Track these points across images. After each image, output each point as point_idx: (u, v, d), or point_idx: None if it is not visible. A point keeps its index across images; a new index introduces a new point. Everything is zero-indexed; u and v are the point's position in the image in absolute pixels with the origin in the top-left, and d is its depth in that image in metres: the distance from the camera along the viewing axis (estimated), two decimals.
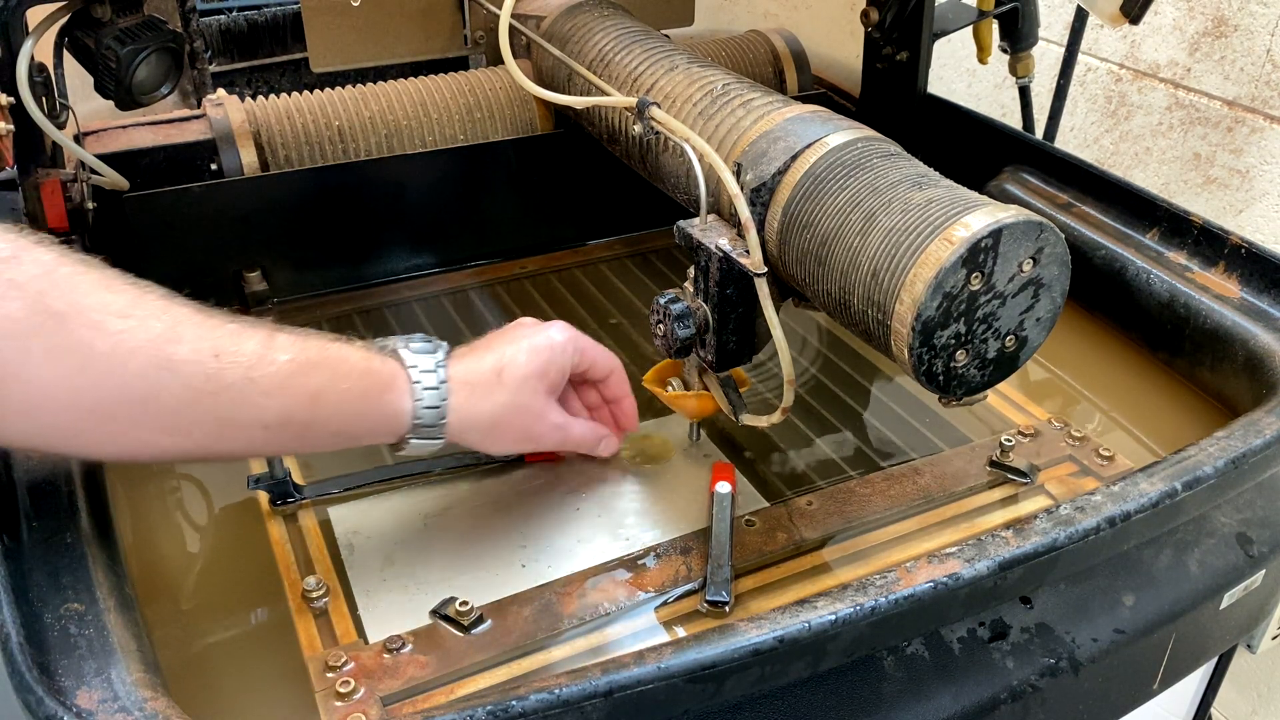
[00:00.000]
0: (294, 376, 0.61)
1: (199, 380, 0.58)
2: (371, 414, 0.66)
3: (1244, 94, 1.43)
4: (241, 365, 0.59)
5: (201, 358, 0.58)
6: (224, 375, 0.58)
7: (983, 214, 0.62)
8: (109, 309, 0.56)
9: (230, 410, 0.59)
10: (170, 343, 0.57)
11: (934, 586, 0.59)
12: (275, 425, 0.61)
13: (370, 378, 0.65)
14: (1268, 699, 1.52)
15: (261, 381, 0.60)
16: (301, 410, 0.62)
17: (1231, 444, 0.71)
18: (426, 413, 0.67)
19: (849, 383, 0.99)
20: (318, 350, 0.63)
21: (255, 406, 0.60)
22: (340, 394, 0.63)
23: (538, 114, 1.14)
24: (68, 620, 0.56)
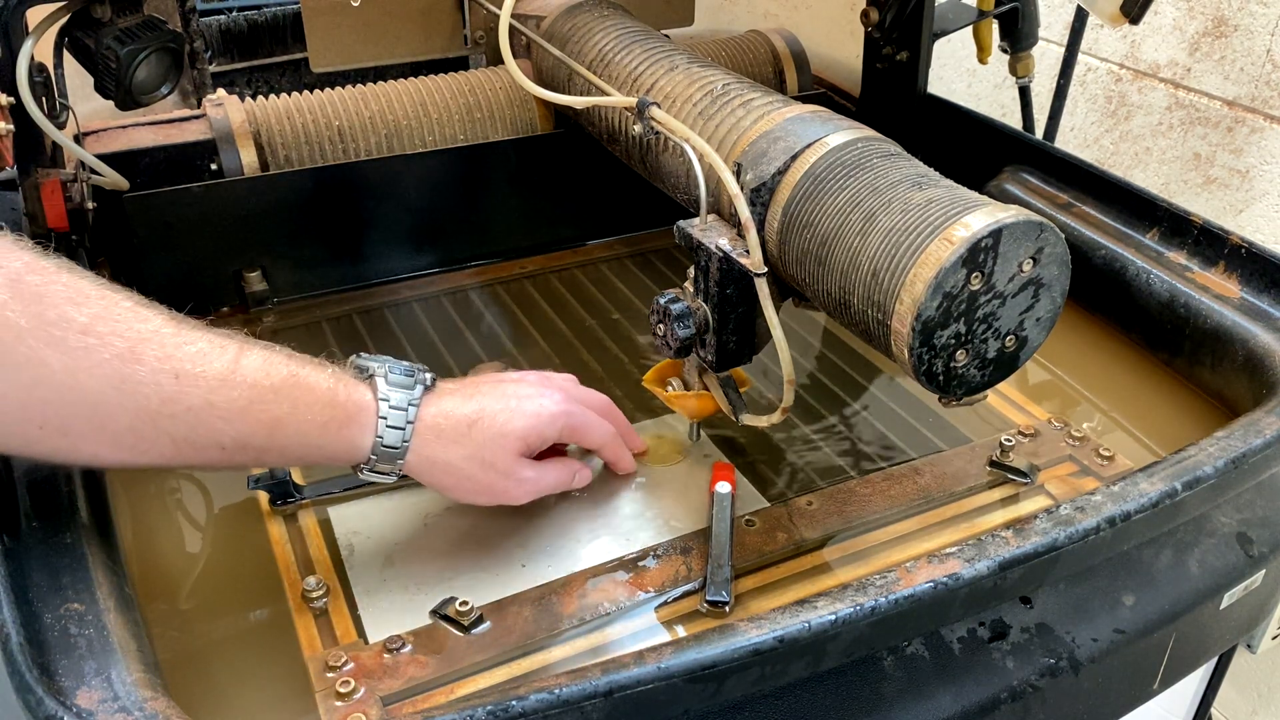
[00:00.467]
0: (255, 404, 0.61)
1: (155, 403, 0.57)
2: (329, 445, 0.65)
3: (1244, 94, 1.43)
4: (201, 390, 0.59)
5: (160, 380, 0.57)
6: (182, 398, 0.58)
7: (983, 214, 0.62)
8: (71, 325, 0.55)
9: (186, 432, 0.59)
10: (130, 363, 0.57)
11: (934, 586, 0.59)
12: (231, 448, 0.61)
13: (333, 409, 0.65)
14: (1268, 699, 1.52)
15: (221, 406, 0.59)
16: (259, 437, 0.61)
17: (1231, 444, 0.71)
18: (385, 451, 0.66)
19: (849, 383, 0.99)
20: (284, 377, 0.63)
21: (212, 430, 0.60)
22: (299, 424, 0.63)
23: (538, 114, 1.14)
24: (68, 620, 0.56)
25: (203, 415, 0.59)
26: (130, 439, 0.58)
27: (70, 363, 0.55)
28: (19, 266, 0.54)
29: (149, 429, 0.58)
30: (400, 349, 1.00)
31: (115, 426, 0.57)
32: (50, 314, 0.55)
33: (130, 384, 0.56)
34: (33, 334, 0.54)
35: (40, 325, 0.54)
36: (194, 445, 0.60)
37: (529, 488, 0.74)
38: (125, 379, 0.56)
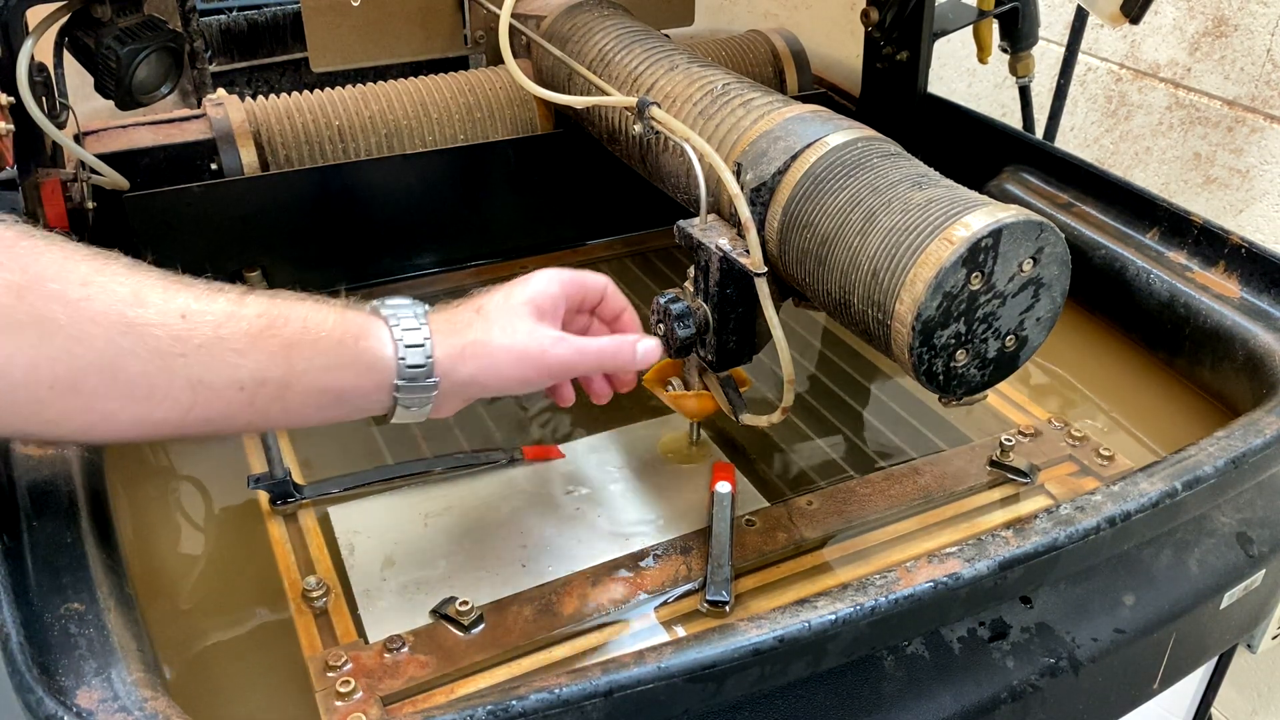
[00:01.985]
0: (266, 330, 0.58)
1: (166, 342, 0.55)
2: (350, 363, 0.61)
3: (1244, 94, 1.42)
4: (209, 324, 0.56)
5: (168, 319, 0.55)
6: (192, 335, 0.56)
7: (983, 214, 0.62)
8: (69, 278, 0.54)
9: (201, 372, 0.56)
10: (134, 306, 0.55)
11: (934, 586, 0.59)
12: (251, 385, 0.58)
13: (345, 325, 0.62)
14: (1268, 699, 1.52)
15: (231, 339, 0.57)
16: (276, 365, 0.58)
17: (1231, 444, 0.71)
18: (410, 352, 0.62)
19: (849, 382, 0.99)
20: (288, 305, 0.60)
21: (228, 365, 0.57)
22: (314, 343, 0.60)
23: (538, 114, 1.14)
24: (68, 620, 0.56)
25: (215, 351, 0.56)
26: (144, 387, 0.55)
27: (74, 313, 0.53)
28: (10, 235, 0.53)
29: (162, 374, 0.55)
30: None
31: (128, 374, 0.55)
32: (48, 270, 0.54)
33: (137, 327, 0.55)
34: (33, 291, 0.53)
35: (39, 282, 0.53)
36: (212, 388, 0.57)
37: (569, 350, 0.68)
38: (132, 323, 0.55)
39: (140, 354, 0.55)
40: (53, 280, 0.53)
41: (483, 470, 0.83)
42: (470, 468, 0.83)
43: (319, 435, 0.88)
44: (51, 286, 0.53)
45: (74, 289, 0.54)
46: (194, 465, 0.85)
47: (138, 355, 0.55)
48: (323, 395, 0.61)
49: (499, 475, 0.83)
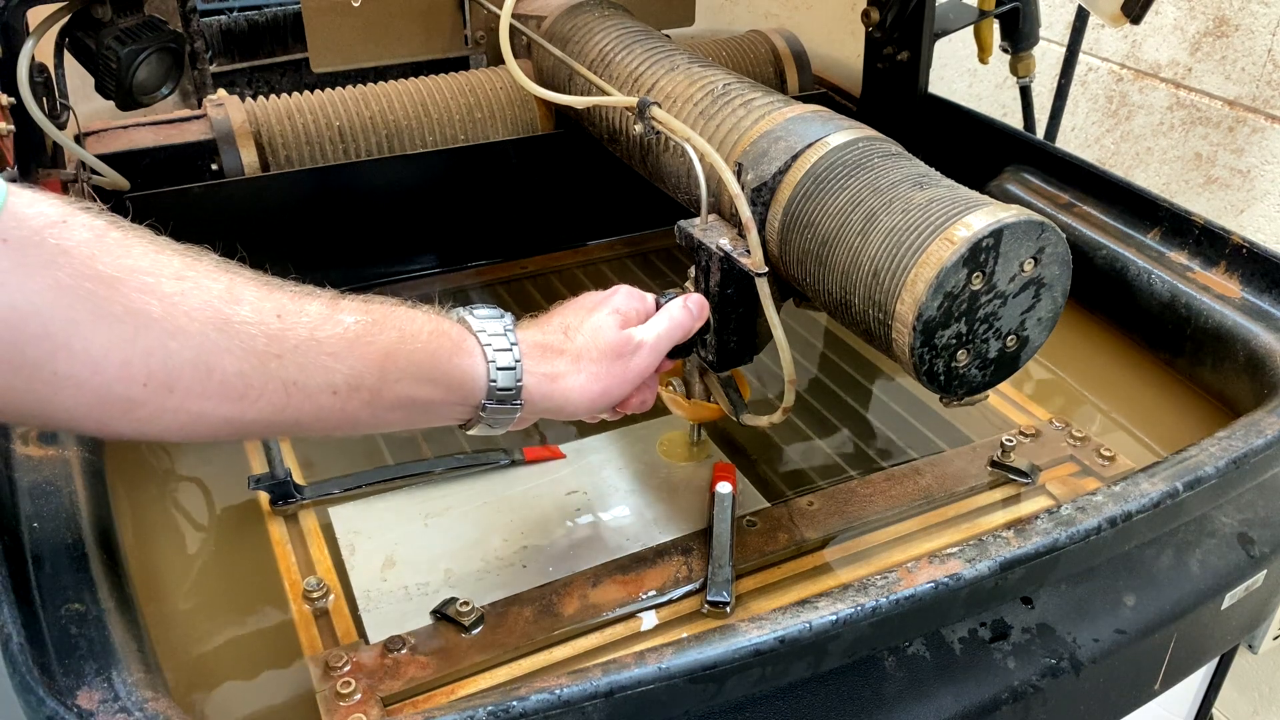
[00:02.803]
0: (361, 337, 0.57)
1: (262, 342, 0.53)
2: (442, 378, 0.61)
3: (1245, 94, 1.42)
4: (305, 326, 0.55)
5: (263, 318, 0.54)
6: (287, 336, 0.54)
7: (984, 214, 0.62)
8: (162, 271, 0.52)
9: (296, 374, 0.55)
10: (230, 304, 0.53)
11: (935, 587, 0.59)
12: (344, 390, 0.57)
13: (440, 339, 0.61)
14: (1269, 699, 1.52)
15: (328, 342, 0.56)
16: (370, 373, 0.57)
17: (1232, 444, 0.71)
18: (501, 375, 0.62)
19: (850, 383, 0.99)
20: (383, 312, 0.59)
21: (322, 369, 0.56)
22: (409, 355, 0.59)
23: (538, 114, 1.14)
24: (68, 620, 0.56)
25: (310, 354, 0.55)
26: (239, 386, 0.54)
27: (169, 308, 0.51)
28: (100, 224, 0.51)
29: (257, 374, 0.54)
30: None
31: (223, 373, 0.53)
32: (141, 263, 0.51)
33: (233, 325, 0.53)
34: (126, 283, 0.50)
35: (132, 274, 0.50)
36: (305, 390, 0.55)
37: (649, 350, 0.69)
38: (228, 320, 0.53)
39: (235, 352, 0.53)
40: (146, 273, 0.51)
41: (483, 471, 0.83)
42: (471, 468, 0.83)
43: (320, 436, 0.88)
44: (145, 279, 0.51)
45: (168, 283, 0.52)
46: (195, 466, 0.85)
47: (233, 353, 0.53)
48: (411, 405, 0.60)
49: (499, 476, 0.83)
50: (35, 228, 0.47)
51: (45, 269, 0.48)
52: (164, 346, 0.51)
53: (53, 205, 0.49)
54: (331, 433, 0.60)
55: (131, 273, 0.51)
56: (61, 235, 0.49)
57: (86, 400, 0.50)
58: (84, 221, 0.50)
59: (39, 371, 0.48)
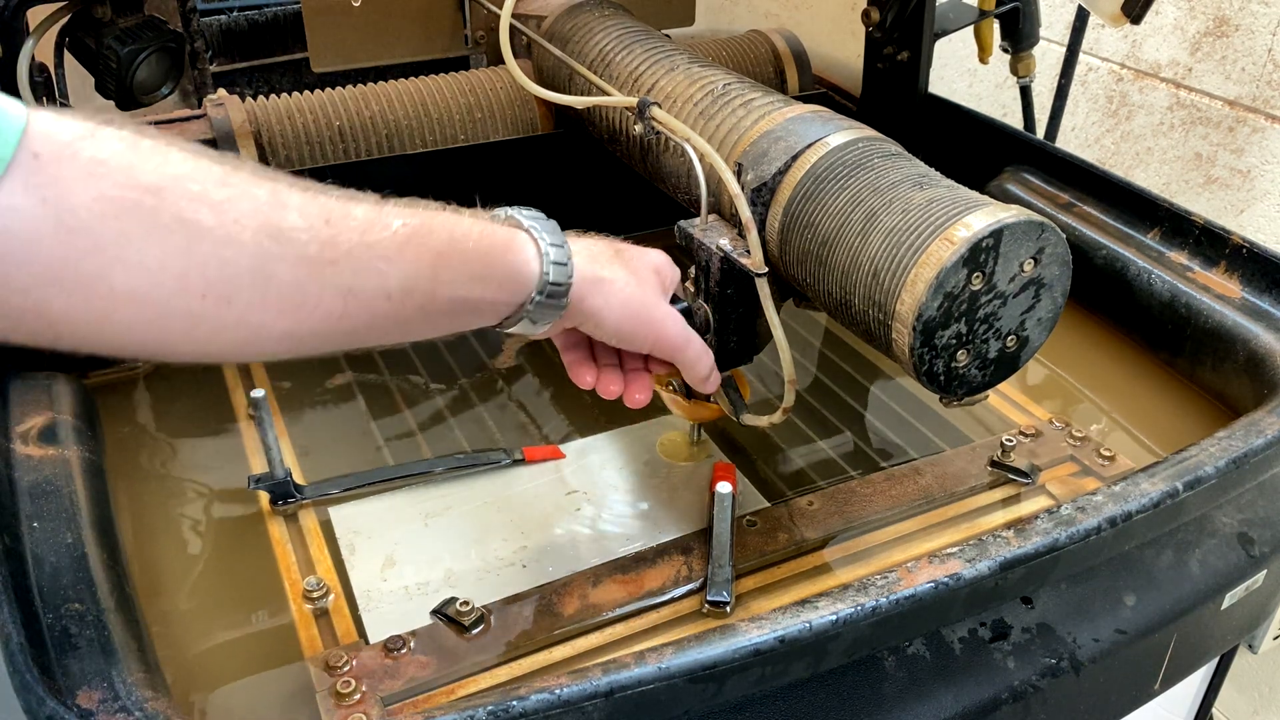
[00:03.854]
0: (412, 239, 0.55)
1: (315, 249, 0.52)
2: (495, 275, 0.60)
3: (1245, 94, 1.42)
4: (355, 230, 0.53)
5: (313, 224, 0.52)
6: (339, 242, 0.52)
7: (984, 214, 0.62)
8: (206, 179, 0.49)
9: (351, 280, 0.53)
10: (278, 210, 0.51)
11: (935, 586, 0.59)
12: (398, 294, 0.55)
13: (490, 237, 0.60)
14: (1269, 699, 1.52)
15: (379, 246, 0.54)
16: (424, 275, 0.56)
17: (1232, 444, 0.71)
18: (555, 270, 0.61)
19: (850, 383, 0.99)
20: (429, 214, 0.58)
21: (377, 274, 0.54)
22: (462, 255, 0.58)
23: (538, 114, 1.14)
24: (68, 620, 0.56)
25: (363, 258, 0.53)
26: (296, 296, 0.52)
27: (221, 216, 0.49)
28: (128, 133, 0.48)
29: (313, 282, 0.52)
30: (400, 349, 1.00)
31: (279, 282, 0.51)
32: (183, 169, 0.49)
33: (285, 232, 0.51)
34: (173, 191, 0.48)
35: (178, 182, 0.48)
36: (360, 297, 0.54)
37: (677, 321, 0.68)
38: (279, 227, 0.51)
39: (289, 260, 0.51)
40: (190, 180, 0.49)
41: (483, 470, 0.83)
42: (471, 468, 0.83)
43: (320, 436, 0.89)
44: (191, 186, 0.48)
45: (215, 190, 0.49)
46: (194, 465, 0.85)
47: (288, 261, 0.51)
48: (462, 305, 0.59)
49: (499, 475, 0.83)
50: (65, 141, 0.45)
51: (86, 181, 0.46)
52: (219, 256, 0.49)
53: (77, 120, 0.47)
54: (381, 341, 0.59)
55: (175, 180, 0.48)
56: (94, 147, 0.47)
57: (147, 316, 0.49)
58: (113, 133, 0.48)
59: (96, 287, 0.46)
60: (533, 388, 0.95)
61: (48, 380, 0.79)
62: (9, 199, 0.44)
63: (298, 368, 0.97)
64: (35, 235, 0.44)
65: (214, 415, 0.89)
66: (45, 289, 0.46)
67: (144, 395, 0.92)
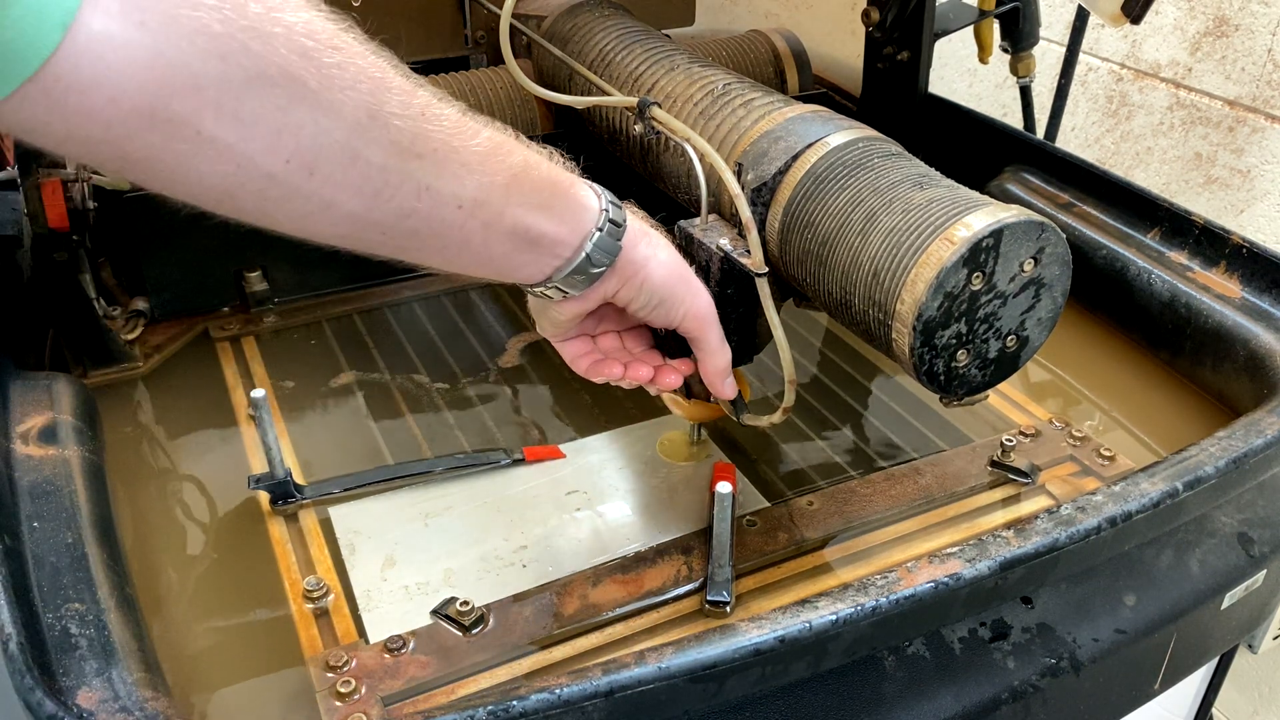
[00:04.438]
0: (494, 153, 0.54)
1: (407, 139, 0.50)
2: (560, 207, 0.59)
3: (1245, 94, 1.42)
4: (446, 130, 0.52)
5: (411, 113, 0.50)
6: (431, 137, 0.51)
7: (984, 214, 0.62)
8: (318, 34, 0.46)
9: (432, 178, 0.52)
10: (381, 90, 0.48)
11: (935, 586, 0.59)
12: (469, 204, 0.54)
13: (557, 172, 0.59)
14: (1269, 699, 1.52)
15: (464, 151, 0.53)
16: (497, 190, 0.55)
17: (1232, 444, 0.71)
18: (613, 208, 0.61)
19: (850, 383, 0.99)
20: (506, 137, 0.56)
21: (455, 178, 0.53)
22: (534, 179, 0.57)
23: (538, 114, 1.14)
24: (68, 620, 0.56)
25: (448, 160, 0.52)
26: (379, 180, 0.50)
27: (326, 81, 0.46)
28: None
29: (397, 170, 0.50)
30: (400, 349, 1.00)
31: (365, 163, 0.49)
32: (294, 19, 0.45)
33: (384, 115, 0.48)
34: (284, 43, 0.44)
35: (290, 33, 0.44)
36: (435, 198, 0.52)
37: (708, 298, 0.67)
38: (379, 108, 0.48)
39: (382, 144, 0.49)
40: (301, 34, 0.45)
41: (483, 470, 0.83)
42: (471, 468, 0.83)
43: (320, 436, 0.89)
44: (302, 41, 0.45)
45: (326, 51, 0.46)
46: (195, 465, 0.85)
47: (380, 144, 0.49)
48: (525, 234, 0.58)
49: (499, 475, 0.83)
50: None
51: (192, 9, 0.41)
52: (315, 123, 0.46)
53: None
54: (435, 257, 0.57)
55: (288, 30, 0.44)
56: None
57: (224, 170, 0.45)
58: None
59: (181, 129, 0.43)
60: (533, 388, 0.95)
61: (48, 380, 0.79)
62: (104, 22, 0.39)
63: (300, 368, 0.97)
64: (128, 63, 0.40)
65: (214, 415, 0.90)
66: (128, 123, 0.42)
67: (144, 395, 0.92)
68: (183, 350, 0.99)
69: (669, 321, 0.67)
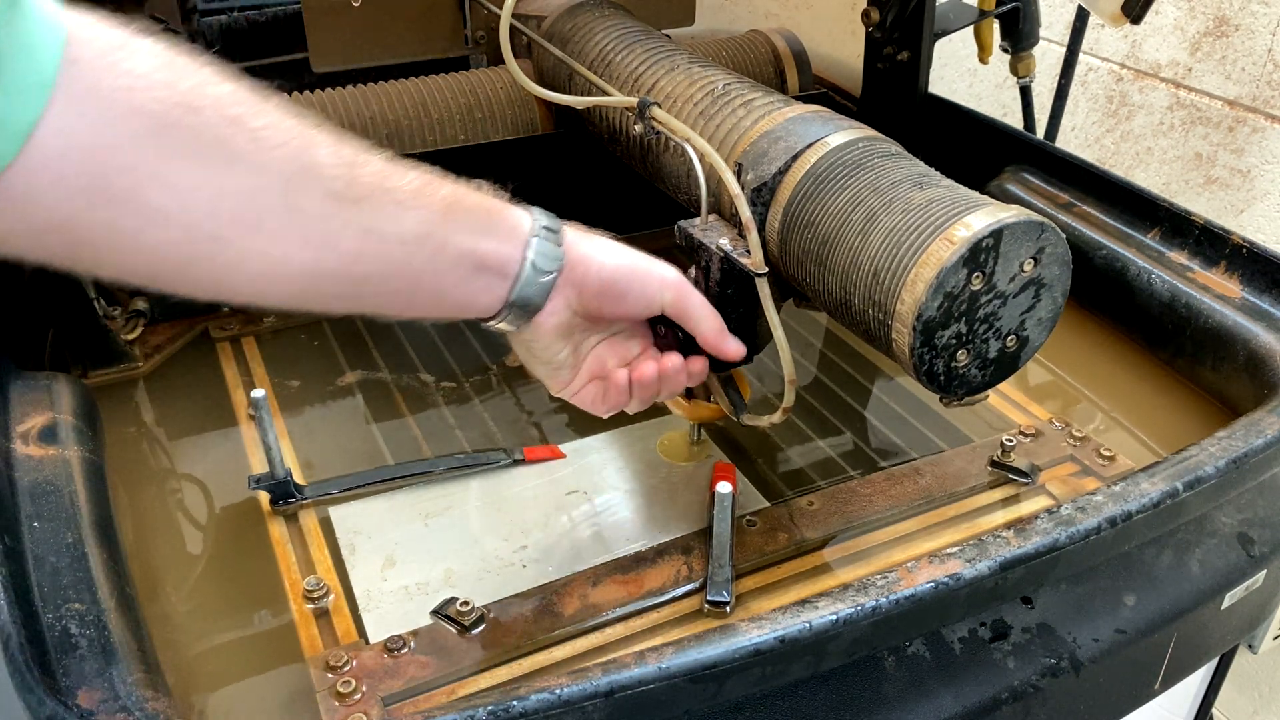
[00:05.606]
0: (425, 187, 0.57)
1: (340, 185, 0.53)
2: (496, 228, 0.60)
3: (1245, 94, 1.42)
4: (376, 174, 0.55)
5: (340, 162, 0.53)
6: (363, 182, 0.54)
7: (984, 214, 0.62)
8: (242, 102, 0.49)
9: (371, 220, 0.54)
10: (309, 145, 0.52)
11: (935, 586, 0.59)
12: (412, 240, 0.56)
13: (487, 197, 0.62)
14: (1269, 699, 1.52)
15: (396, 191, 0.55)
16: (437, 220, 0.57)
17: (1232, 444, 0.71)
18: (544, 215, 0.63)
19: (850, 383, 0.99)
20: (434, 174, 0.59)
21: (392, 218, 0.55)
22: (468, 206, 0.59)
23: (538, 114, 1.14)
24: (68, 620, 0.56)
25: (383, 201, 0.55)
26: (320, 231, 0.52)
27: (256, 142, 0.49)
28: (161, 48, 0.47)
29: (337, 218, 0.53)
30: (400, 349, 1.00)
31: (306, 215, 0.51)
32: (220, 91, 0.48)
33: (316, 167, 0.52)
34: (211, 111, 0.48)
35: (217, 102, 0.48)
36: (379, 238, 0.55)
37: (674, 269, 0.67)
38: (310, 161, 0.52)
39: (316, 195, 0.52)
40: (227, 103, 0.48)
41: (483, 470, 0.83)
42: (471, 468, 0.83)
43: (320, 436, 0.89)
44: (229, 110, 0.48)
45: (252, 116, 0.49)
46: (194, 465, 0.85)
47: (315, 195, 0.52)
48: (471, 258, 0.59)
49: (499, 476, 0.83)
50: (102, 50, 0.44)
51: (126, 93, 0.45)
52: (253, 182, 0.49)
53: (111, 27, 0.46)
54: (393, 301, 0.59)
55: (215, 101, 0.48)
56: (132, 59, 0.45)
57: (173, 238, 0.48)
58: (148, 45, 0.47)
59: (127, 204, 0.46)
60: (533, 388, 0.95)
61: (48, 380, 0.79)
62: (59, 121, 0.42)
63: (300, 368, 0.97)
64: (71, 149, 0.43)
65: (214, 415, 0.90)
66: (76, 202, 0.45)
67: (144, 395, 0.92)
68: (183, 350, 0.99)
69: (648, 306, 0.67)
